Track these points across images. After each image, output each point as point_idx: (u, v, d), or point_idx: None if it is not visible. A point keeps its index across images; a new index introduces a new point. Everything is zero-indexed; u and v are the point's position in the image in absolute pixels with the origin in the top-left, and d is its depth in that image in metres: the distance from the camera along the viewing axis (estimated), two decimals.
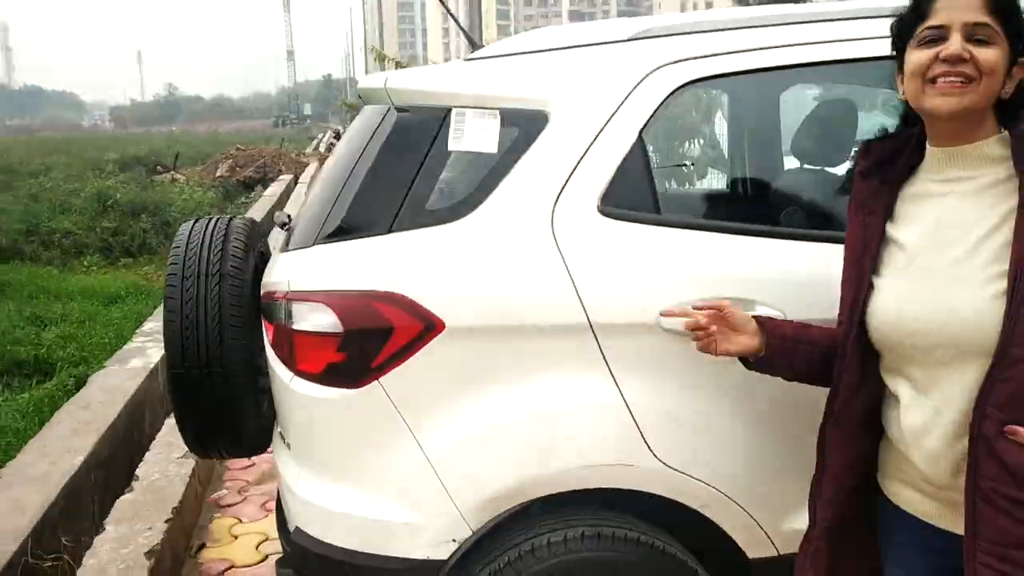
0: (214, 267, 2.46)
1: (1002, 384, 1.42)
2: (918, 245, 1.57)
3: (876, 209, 1.65)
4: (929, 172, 1.60)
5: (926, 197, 1.59)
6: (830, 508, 1.72)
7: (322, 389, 2.07)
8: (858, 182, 1.69)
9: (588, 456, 2.03)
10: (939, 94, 1.49)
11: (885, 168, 1.65)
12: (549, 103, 2.10)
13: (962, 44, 1.47)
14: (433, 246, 2.05)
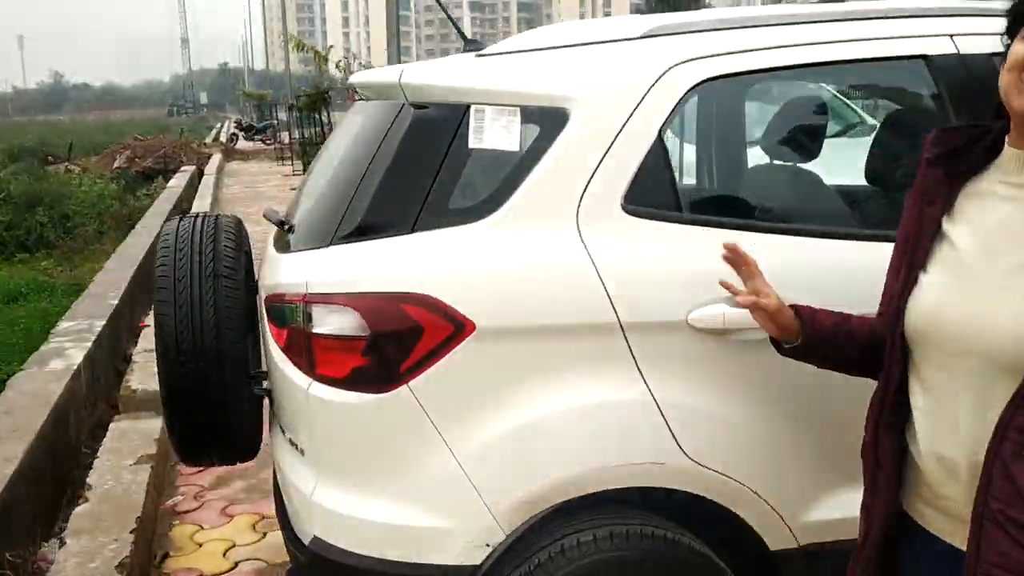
0: (207, 268, 2.36)
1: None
2: (971, 245, 1.50)
3: (936, 200, 1.57)
4: (1001, 173, 1.51)
5: (990, 197, 1.51)
6: (888, 508, 1.61)
7: (346, 394, 2.01)
8: (924, 169, 1.60)
9: (620, 456, 2.03)
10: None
11: (954, 159, 1.56)
12: (569, 100, 2.08)
13: None
14: (460, 246, 2.01)
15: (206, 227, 2.49)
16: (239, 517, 3.87)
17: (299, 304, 2.05)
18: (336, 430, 2.06)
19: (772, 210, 2.31)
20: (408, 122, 2.09)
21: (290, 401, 2.20)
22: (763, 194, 2.37)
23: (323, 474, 2.11)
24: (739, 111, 2.48)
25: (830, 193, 2.35)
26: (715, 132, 2.52)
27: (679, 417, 2.04)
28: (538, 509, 2.02)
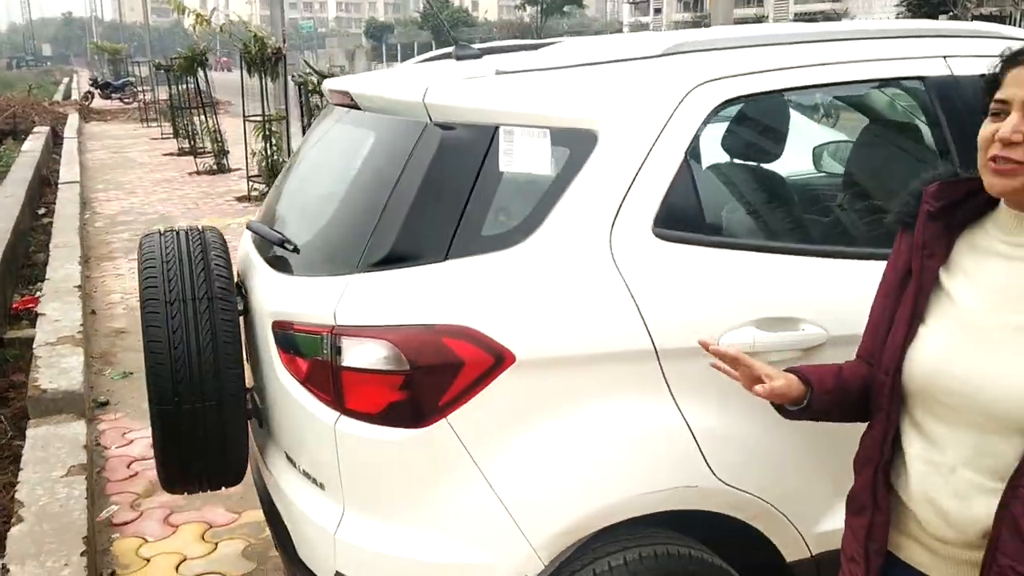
0: (200, 289, 2.22)
1: None
2: (975, 303, 1.53)
3: (936, 253, 1.60)
4: (999, 231, 1.54)
5: (991, 255, 1.55)
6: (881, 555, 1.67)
7: (380, 430, 1.94)
8: (924, 222, 1.62)
9: (655, 482, 2.04)
10: (993, 173, 1.46)
11: (952, 212, 1.60)
12: (596, 122, 2.05)
13: (1016, 125, 1.43)
14: (495, 274, 1.96)
15: (192, 242, 2.34)
16: (184, 527, 3.70)
17: (325, 336, 1.95)
18: (367, 466, 1.99)
19: (800, 230, 2.34)
20: (436, 144, 2.00)
21: (308, 434, 2.11)
22: (791, 214, 2.40)
23: (350, 509, 2.03)
24: (763, 130, 2.49)
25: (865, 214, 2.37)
26: (740, 152, 2.53)
27: (710, 440, 2.06)
28: (576, 538, 2.01)
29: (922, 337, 1.58)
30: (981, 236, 1.58)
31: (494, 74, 2.14)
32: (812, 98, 2.51)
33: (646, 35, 2.26)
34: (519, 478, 1.97)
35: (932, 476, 1.55)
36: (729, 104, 2.14)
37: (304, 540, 2.17)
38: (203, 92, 14.55)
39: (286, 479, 2.27)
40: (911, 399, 1.60)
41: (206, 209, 10.99)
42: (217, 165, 14.00)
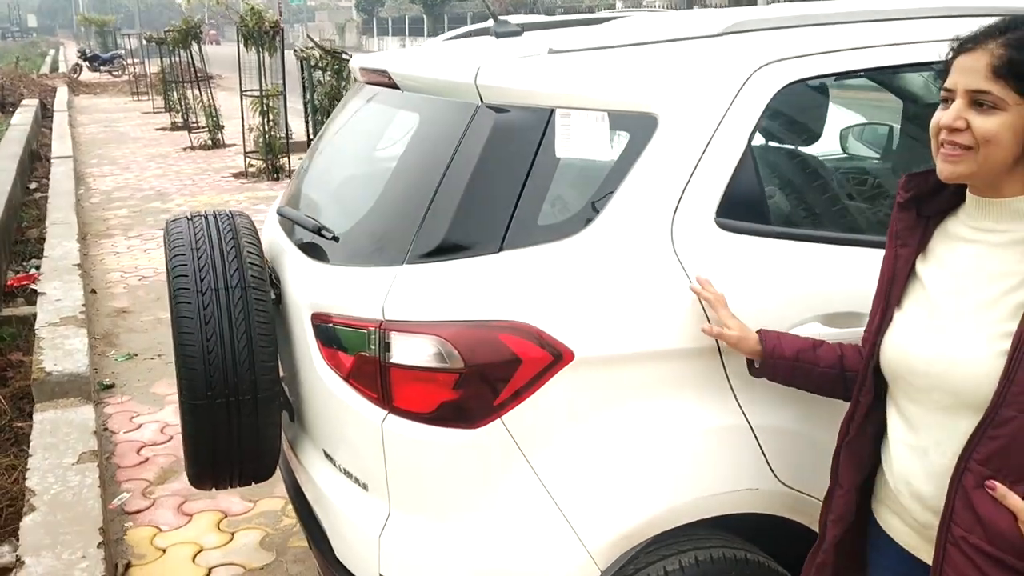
0: (233, 278, 2.12)
1: (989, 441, 1.44)
2: (940, 287, 1.57)
3: (910, 242, 1.64)
4: (967, 216, 1.58)
5: (958, 240, 1.58)
6: (839, 525, 1.75)
7: (432, 430, 1.84)
8: (896, 212, 1.67)
9: (717, 484, 1.95)
10: (942, 160, 1.50)
11: (925, 202, 1.63)
12: (657, 105, 1.94)
13: (958, 112, 1.45)
14: (552, 267, 1.85)
15: (222, 228, 2.22)
16: (199, 516, 3.61)
17: (373, 330, 1.85)
18: (416, 467, 1.89)
19: (866, 221, 2.24)
20: (489, 127, 1.89)
21: (350, 432, 2.01)
22: (858, 205, 2.30)
23: (396, 512, 1.93)
24: (826, 115, 2.39)
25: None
26: (805, 138, 2.42)
27: (771, 441, 1.98)
28: (633, 543, 1.93)
29: (896, 322, 1.63)
30: (953, 223, 1.61)
31: (547, 53, 2.02)
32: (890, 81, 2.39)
33: (702, 12, 2.15)
34: (576, 481, 1.88)
35: (909, 458, 1.60)
36: (794, 86, 2.02)
37: (344, 541, 2.08)
38: (197, 66, 14.31)
39: (323, 476, 2.17)
40: (892, 384, 1.65)
41: (203, 185, 10.83)
42: (212, 140, 13.81)
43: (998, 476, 1.44)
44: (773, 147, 2.29)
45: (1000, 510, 1.44)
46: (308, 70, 9.06)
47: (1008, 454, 1.43)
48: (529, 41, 2.23)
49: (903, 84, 2.67)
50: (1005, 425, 1.42)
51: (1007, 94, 1.42)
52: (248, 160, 11.23)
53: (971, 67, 1.45)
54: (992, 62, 1.43)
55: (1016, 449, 1.42)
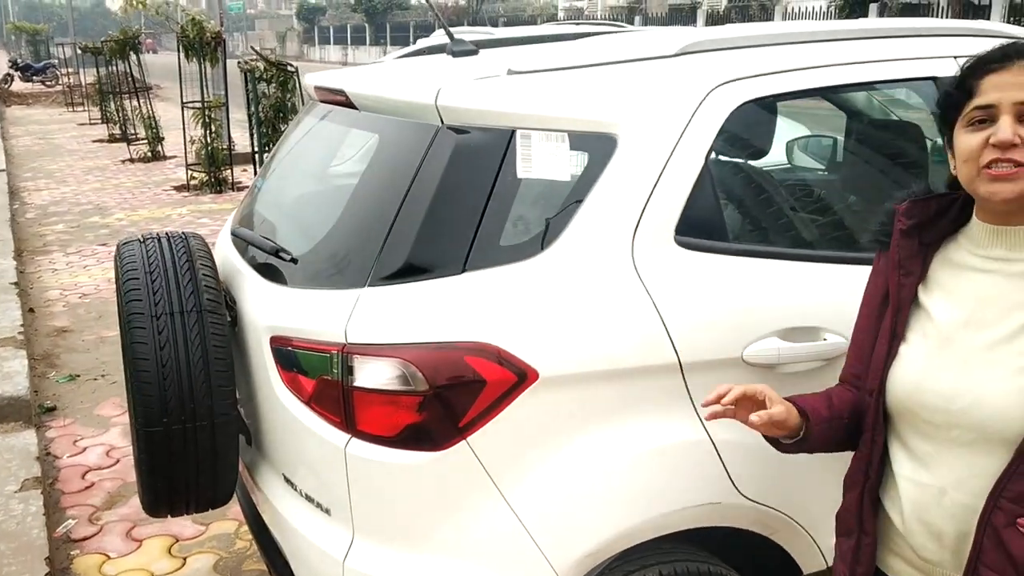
0: (189, 302, 2.08)
1: (1020, 477, 1.41)
2: (952, 319, 1.52)
3: (913, 270, 1.59)
4: (972, 244, 1.54)
5: (965, 269, 1.54)
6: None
7: (395, 453, 1.82)
8: (899, 240, 1.60)
9: (680, 500, 1.97)
10: (993, 180, 1.42)
11: (926, 230, 1.59)
12: (616, 125, 1.96)
13: (1013, 127, 1.40)
14: (515, 287, 1.85)
15: (176, 250, 2.18)
16: (149, 541, 3.52)
17: (335, 354, 1.83)
18: (381, 491, 1.87)
19: (822, 237, 2.28)
20: (450, 148, 1.89)
21: (312, 456, 1.98)
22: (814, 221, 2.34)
23: (360, 536, 1.91)
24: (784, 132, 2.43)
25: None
26: (761, 156, 2.45)
27: (733, 455, 2.00)
28: (599, 560, 1.93)
29: (902, 355, 1.57)
30: (955, 251, 1.57)
31: (506, 74, 2.03)
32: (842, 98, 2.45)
33: (656, 32, 2.18)
34: (542, 500, 1.87)
35: (923, 498, 1.54)
36: (749, 105, 2.06)
37: (307, 567, 2.05)
38: (135, 76, 14.04)
39: (284, 501, 2.14)
40: (897, 419, 1.58)
41: (143, 199, 10.62)
42: (152, 152, 13.55)
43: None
44: (730, 165, 2.32)
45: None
46: (252, 82, 8.95)
47: None
48: (486, 60, 2.23)
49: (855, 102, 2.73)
50: None
51: None
52: (190, 173, 11.05)
53: (1014, 82, 1.41)
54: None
55: None
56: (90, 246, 8.19)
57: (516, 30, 2.98)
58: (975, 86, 1.45)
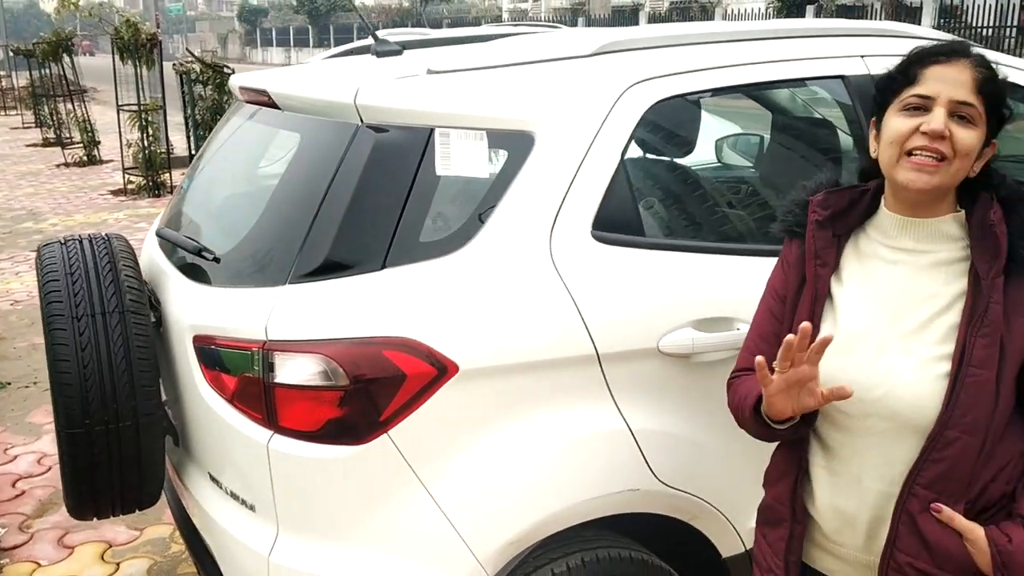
0: (111, 303, 2.08)
1: (933, 464, 1.46)
2: (864, 309, 1.56)
3: (828, 261, 1.61)
4: (881, 235, 1.58)
5: (876, 260, 1.58)
6: (800, 565, 1.70)
7: (318, 448, 1.85)
8: (814, 230, 1.62)
9: (599, 487, 2.02)
10: (913, 168, 1.45)
11: (838, 221, 1.62)
12: (533, 124, 2.00)
13: (945, 120, 1.44)
14: (435, 282, 1.89)
15: (98, 252, 2.18)
16: (81, 548, 3.48)
17: (256, 351, 1.85)
18: (304, 486, 1.89)
19: (732, 230, 2.35)
20: (369, 147, 1.92)
21: (236, 454, 1.99)
22: (727, 214, 2.41)
23: (284, 532, 1.93)
24: (695, 130, 2.49)
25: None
26: (674, 152, 2.52)
27: (651, 442, 2.06)
28: (521, 548, 1.98)
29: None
30: (865, 242, 1.61)
31: (425, 73, 2.06)
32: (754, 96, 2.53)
33: (572, 32, 2.23)
34: (464, 491, 1.91)
35: (837, 486, 1.59)
36: (664, 103, 2.12)
37: (233, 563, 2.06)
38: (70, 79, 13.76)
39: (209, 500, 2.14)
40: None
41: (79, 203, 10.42)
42: (88, 156, 13.30)
43: (942, 499, 1.47)
44: (646, 162, 2.39)
45: (946, 532, 1.47)
46: (188, 84, 8.84)
47: (951, 476, 1.46)
48: (409, 60, 2.27)
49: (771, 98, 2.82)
50: (949, 447, 1.45)
51: (981, 109, 1.45)
52: (127, 177, 10.87)
53: (956, 79, 1.44)
54: (977, 77, 1.44)
55: (958, 470, 1.45)
56: (22, 252, 8.03)
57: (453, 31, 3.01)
58: (918, 74, 1.48)
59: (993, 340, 1.44)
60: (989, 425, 1.45)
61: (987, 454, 1.47)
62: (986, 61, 1.48)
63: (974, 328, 1.45)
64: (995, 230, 1.46)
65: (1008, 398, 1.47)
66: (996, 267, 1.45)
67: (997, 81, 1.47)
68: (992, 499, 1.51)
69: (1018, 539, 1.45)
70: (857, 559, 1.61)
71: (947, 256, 1.52)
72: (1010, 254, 1.45)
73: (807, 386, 1.48)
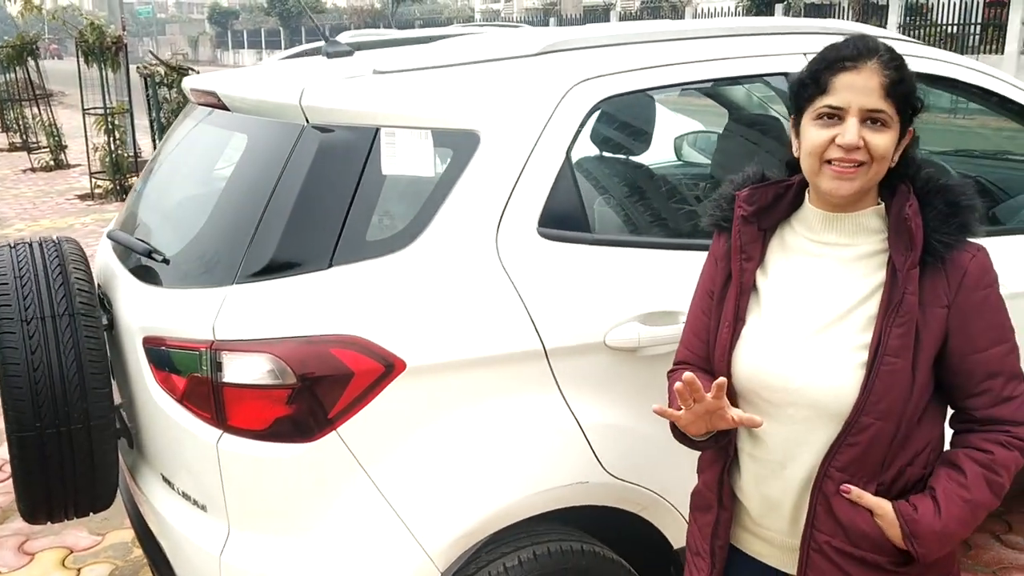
0: (61, 306, 2.08)
1: (848, 448, 1.52)
2: (788, 301, 1.61)
3: (754, 255, 1.66)
4: (806, 229, 1.62)
5: (800, 253, 1.62)
6: (726, 550, 1.75)
7: (266, 447, 1.86)
8: (740, 226, 1.66)
9: (548, 480, 2.04)
10: (834, 177, 1.50)
11: (764, 216, 1.66)
12: (478, 123, 2.03)
13: (858, 131, 1.48)
14: (382, 280, 1.91)
15: (48, 255, 2.18)
16: (42, 554, 3.46)
17: (204, 351, 1.86)
18: (254, 484, 1.90)
19: (675, 225, 2.39)
20: (315, 147, 1.93)
21: (187, 454, 2.00)
22: (666, 209, 2.44)
23: (236, 530, 1.94)
24: (643, 127, 2.53)
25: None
26: (619, 150, 2.55)
27: (599, 435, 2.09)
28: (472, 542, 2.00)
29: (744, 337, 1.65)
30: (790, 235, 1.65)
31: (371, 74, 2.08)
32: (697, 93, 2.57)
33: (518, 33, 2.26)
34: (414, 487, 1.93)
35: (763, 472, 1.65)
36: (607, 102, 2.15)
37: (186, 564, 2.07)
38: (35, 83, 13.62)
39: (162, 501, 2.15)
40: (740, 399, 1.66)
41: (45, 209, 10.33)
42: (54, 161, 13.17)
43: (854, 480, 1.53)
44: (592, 159, 2.42)
45: (858, 511, 1.53)
46: (153, 87, 8.79)
47: (864, 460, 1.52)
48: (358, 61, 2.28)
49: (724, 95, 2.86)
50: (863, 432, 1.50)
51: (892, 111, 1.48)
52: (94, 181, 10.78)
53: (864, 86, 1.47)
54: (883, 82, 1.47)
55: (871, 454, 1.52)
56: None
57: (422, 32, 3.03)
58: (828, 82, 1.51)
59: (908, 330, 1.49)
60: (903, 411, 1.50)
61: (902, 438, 1.53)
62: (893, 59, 1.51)
63: (889, 318, 1.49)
64: (909, 224, 1.50)
65: (923, 385, 1.52)
66: (911, 259, 1.50)
67: (905, 81, 1.50)
68: (910, 481, 1.57)
69: (923, 508, 1.51)
70: (784, 543, 1.67)
71: (868, 249, 1.57)
72: (925, 246, 1.50)
73: (717, 412, 1.54)
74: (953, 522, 1.51)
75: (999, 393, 1.54)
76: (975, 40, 18.97)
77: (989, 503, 1.54)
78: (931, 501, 1.52)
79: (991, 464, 1.53)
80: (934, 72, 2.52)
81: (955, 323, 1.51)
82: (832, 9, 23.66)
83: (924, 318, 1.50)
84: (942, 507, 1.51)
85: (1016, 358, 1.56)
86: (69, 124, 13.95)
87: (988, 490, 1.53)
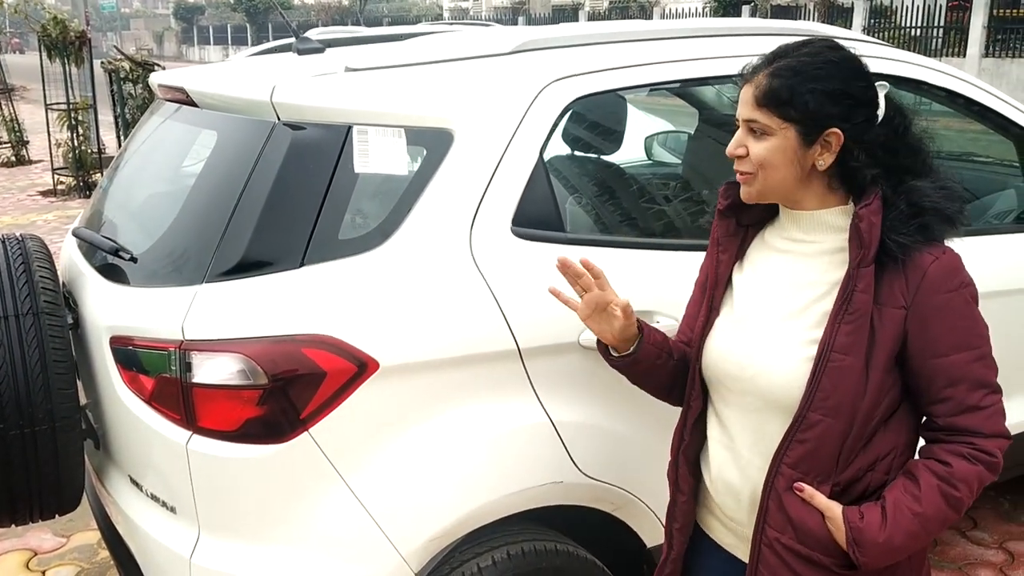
0: (24, 305, 2.04)
1: (797, 444, 1.53)
2: (753, 294, 1.66)
3: (729, 249, 1.71)
4: (779, 227, 1.67)
5: (771, 250, 1.67)
6: (685, 532, 1.80)
7: (237, 448, 1.84)
8: (717, 220, 1.73)
9: (522, 481, 2.04)
10: (741, 182, 1.60)
11: (743, 212, 1.69)
12: (452, 121, 2.02)
13: (738, 140, 1.55)
14: (354, 279, 1.89)
15: (11, 253, 2.14)
16: (5, 556, 3.40)
17: (173, 351, 1.83)
18: (225, 486, 1.88)
19: (651, 225, 2.39)
20: (286, 145, 1.91)
21: (155, 455, 1.97)
22: (641, 209, 2.45)
23: (206, 533, 1.91)
24: (616, 127, 2.53)
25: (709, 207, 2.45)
26: (593, 149, 2.55)
27: (573, 435, 2.09)
28: (446, 543, 1.99)
29: (715, 327, 1.71)
30: (769, 233, 1.70)
31: (344, 71, 2.06)
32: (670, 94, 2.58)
33: (492, 31, 2.25)
34: (387, 487, 1.92)
35: (726, 460, 1.68)
36: (583, 101, 2.15)
37: (155, 567, 2.04)
38: None
39: (130, 503, 2.12)
40: (710, 386, 1.72)
41: (7, 205, 10.15)
42: (16, 157, 12.94)
43: (807, 479, 1.53)
44: (566, 158, 2.42)
45: (808, 510, 1.53)
46: (118, 82, 8.67)
47: (815, 457, 1.52)
48: (329, 58, 2.26)
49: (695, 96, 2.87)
50: (812, 429, 1.50)
51: (771, 120, 1.50)
52: (57, 177, 10.61)
53: (745, 98, 1.54)
54: (755, 93, 1.51)
55: (822, 452, 1.51)
56: None
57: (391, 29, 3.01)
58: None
59: (858, 328, 1.49)
60: (854, 410, 1.50)
61: (857, 439, 1.53)
62: (780, 69, 1.51)
63: (839, 315, 1.50)
64: (859, 223, 1.50)
65: (879, 385, 1.51)
66: (861, 256, 1.50)
67: (781, 88, 1.49)
68: (871, 487, 1.56)
69: (870, 517, 1.51)
70: (744, 534, 1.68)
71: (831, 246, 1.59)
72: (881, 246, 1.50)
73: (607, 310, 1.70)
74: (900, 534, 1.49)
75: (962, 401, 1.51)
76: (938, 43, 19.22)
77: (943, 517, 1.51)
78: (879, 511, 1.51)
79: (948, 477, 1.49)
80: (899, 73, 2.55)
81: (913, 325, 1.50)
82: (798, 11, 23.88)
83: (880, 318, 1.50)
84: (889, 518, 1.49)
85: (986, 367, 1.53)
86: (31, 119, 13.71)
87: (944, 503, 1.49)
